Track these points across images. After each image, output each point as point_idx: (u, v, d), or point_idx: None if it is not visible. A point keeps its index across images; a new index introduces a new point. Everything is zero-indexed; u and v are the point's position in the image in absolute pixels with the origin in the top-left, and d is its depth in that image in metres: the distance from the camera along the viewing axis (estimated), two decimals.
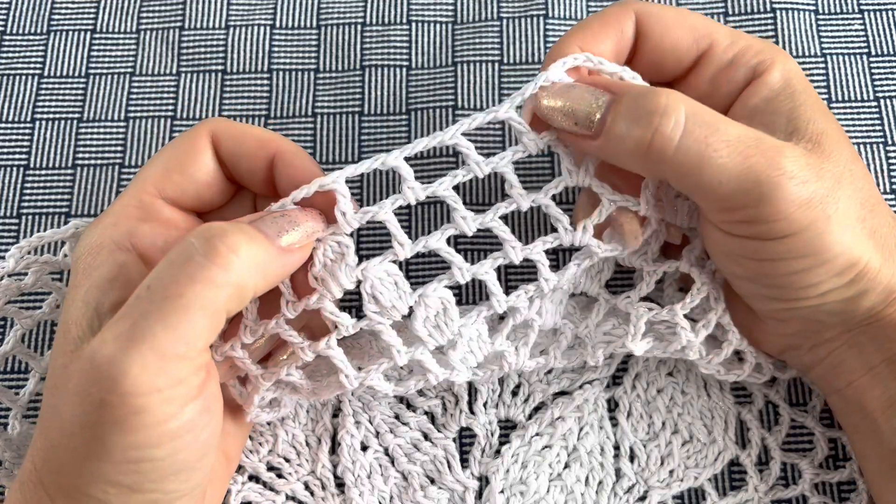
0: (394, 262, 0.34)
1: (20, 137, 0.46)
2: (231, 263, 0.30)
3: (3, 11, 0.48)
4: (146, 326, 0.29)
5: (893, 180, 0.44)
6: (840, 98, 0.45)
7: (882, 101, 0.45)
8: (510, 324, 0.37)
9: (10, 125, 0.46)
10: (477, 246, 0.43)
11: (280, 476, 0.41)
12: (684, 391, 0.41)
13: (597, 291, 0.40)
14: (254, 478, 0.41)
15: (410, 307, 0.34)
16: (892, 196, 0.44)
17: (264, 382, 0.35)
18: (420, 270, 0.43)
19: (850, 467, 0.40)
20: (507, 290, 0.36)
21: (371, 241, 0.44)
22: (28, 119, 0.46)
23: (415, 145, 0.34)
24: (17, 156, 0.45)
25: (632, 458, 0.41)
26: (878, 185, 0.44)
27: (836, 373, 0.37)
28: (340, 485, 0.41)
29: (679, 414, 0.41)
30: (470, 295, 0.43)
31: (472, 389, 0.42)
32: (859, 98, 0.45)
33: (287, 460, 0.41)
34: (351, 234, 0.34)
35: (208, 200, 0.37)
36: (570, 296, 0.40)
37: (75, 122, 0.46)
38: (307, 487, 0.41)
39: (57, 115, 0.46)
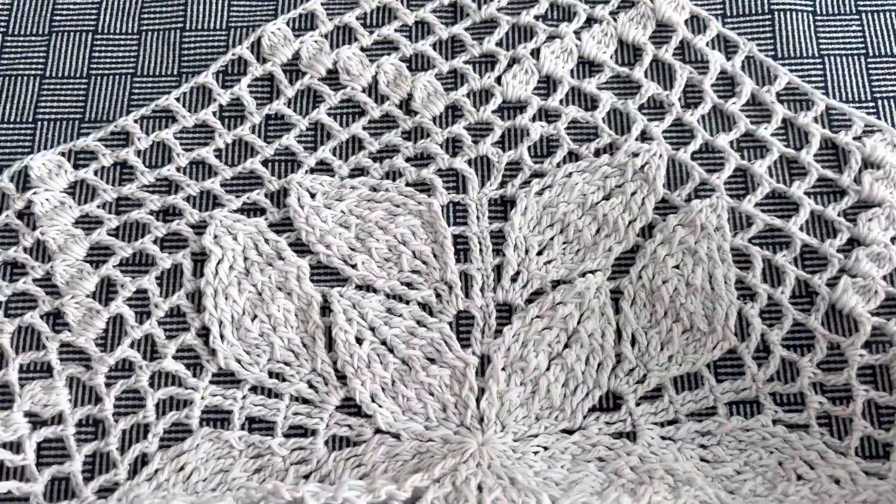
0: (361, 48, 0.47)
1: (22, 138, 0.46)
2: None
3: (5, 13, 0.48)
4: None
5: None
6: (838, 99, 0.46)
7: (880, 102, 0.46)
8: None
9: (12, 126, 0.46)
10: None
11: (283, 380, 0.41)
12: (689, 283, 0.42)
13: None
14: (254, 389, 0.41)
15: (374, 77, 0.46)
16: None
17: None
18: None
19: (847, 372, 0.40)
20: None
21: None
22: (30, 120, 0.46)
23: None
24: (19, 157, 0.46)
25: (633, 344, 0.41)
26: None
27: None
28: (342, 378, 0.41)
29: (681, 304, 0.41)
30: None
31: (465, 278, 0.42)
32: (857, 99, 0.46)
33: (287, 364, 0.41)
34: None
35: None
36: None
37: (77, 122, 0.46)
38: (311, 385, 0.41)
39: (59, 117, 0.46)
